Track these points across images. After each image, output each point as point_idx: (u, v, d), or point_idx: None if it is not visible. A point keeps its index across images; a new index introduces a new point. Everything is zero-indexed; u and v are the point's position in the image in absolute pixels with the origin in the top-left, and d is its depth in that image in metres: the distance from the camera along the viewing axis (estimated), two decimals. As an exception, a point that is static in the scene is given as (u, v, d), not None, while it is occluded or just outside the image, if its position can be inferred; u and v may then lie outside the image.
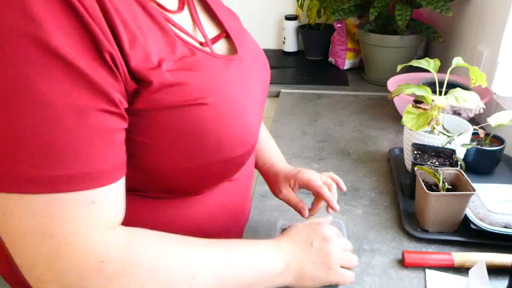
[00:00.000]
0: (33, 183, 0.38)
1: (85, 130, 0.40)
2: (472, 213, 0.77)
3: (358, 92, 1.51)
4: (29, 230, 0.40)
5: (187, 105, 0.48)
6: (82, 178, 0.40)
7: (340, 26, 1.69)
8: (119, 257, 0.43)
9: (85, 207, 0.41)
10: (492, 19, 1.19)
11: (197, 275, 0.48)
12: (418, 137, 0.92)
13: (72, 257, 0.40)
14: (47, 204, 0.39)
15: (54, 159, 0.39)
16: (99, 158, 0.41)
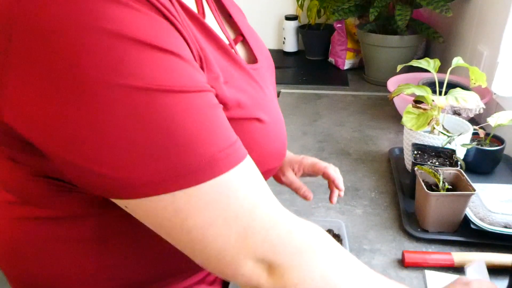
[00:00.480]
0: (193, 173, 0.37)
1: (214, 108, 0.39)
2: (472, 213, 0.77)
3: (358, 92, 1.51)
4: (210, 222, 0.39)
5: (244, 119, 0.47)
6: (234, 152, 0.39)
7: (340, 26, 1.69)
8: (305, 230, 0.43)
9: (249, 181, 0.40)
10: (492, 19, 1.19)
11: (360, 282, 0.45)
12: (418, 137, 0.92)
13: (264, 229, 0.40)
14: (216, 191, 0.38)
15: (207, 141, 0.37)
16: (230, 131, 0.41)
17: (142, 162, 0.36)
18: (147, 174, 0.36)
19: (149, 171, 0.36)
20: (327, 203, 0.89)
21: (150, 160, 0.36)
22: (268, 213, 0.41)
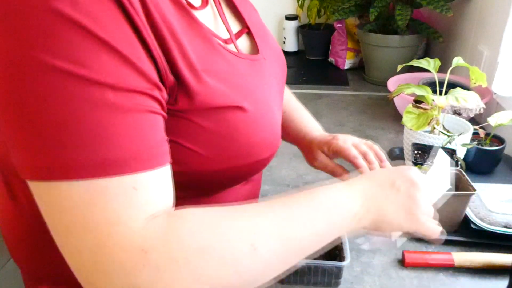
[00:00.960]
0: (75, 169, 0.36)
1: (124, 113, 0.38)
2: (473, 213, 0.77)
3: (358, 92, 1.51)
4: (72, 224, 0.37)
5: (224, 107, 0.47)
6: (122, 162, 0.37)
7: (340, 26, 1.69)
8: (162, 244, 0.38)
9: (127, 194, 0.38)
10: (492, 19, 1.19)
11: (257, 244, 0.42)
12: (418, 137, 0.92)
13: (115, 251, 0.37)
14: (87, 193, 0.37)
15: (95, 143, 0.36)
16: (139, 141, 0.39)
17: (23, 144, 0.36)
18: (28, 158, 0.37)
19: (28, 157, 0.36)
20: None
21: (27, 147, 0.36)
22: (125, 232, 0.37)
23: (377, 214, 0.51)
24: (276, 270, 0.45)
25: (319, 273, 0.66)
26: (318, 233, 0.47)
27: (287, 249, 0.45)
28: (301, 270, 0.66)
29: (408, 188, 0.53)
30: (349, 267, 0.71)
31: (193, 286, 0.39)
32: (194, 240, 0.40)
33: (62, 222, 0.38)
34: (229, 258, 0.41)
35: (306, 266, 0.66)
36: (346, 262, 0.65)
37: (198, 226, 0.41)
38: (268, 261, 0.44)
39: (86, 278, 0.38)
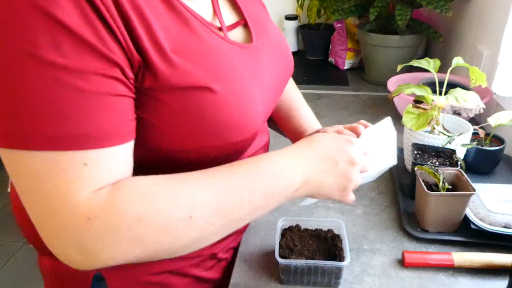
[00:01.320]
0: (32, 140, 0.40)
1: (81, 93, 0.41)
2: (472, 213, 0.77)
3: (358, 92, 1.51)
4: (30, 189, 0.42)
5: (191, 87, 0.48)
6: (77, 139, 0.41)
7: (340, 26, 1.69)
8: (103, 212, 0.43)
9: (77, 169, 0.42)
10: (492, 19, 1.19)
11: (193, 214, 0.46)
12: (418, 137, 0.92)
13: (64, 217, 0.42)
14: (43, 163, 0.41)
15: (51, 119, 0.40)
16: (98, 120, 0.42)
17: None
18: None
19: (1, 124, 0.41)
20: (327, 203, 0.89)
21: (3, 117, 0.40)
22: (72, 201, 0.42)
23: (315, 186, 0.56)
24: (212, 237, 0.49)
25: (319, 273, 0.66)
26: (257, 204, 0.51)
27: (223, 219, 0.48)
28: (301, 270, 0.66)
29: (347, 168, 0.57)
30: (349, 267, 0.71)
31: (133, 250, 0.44)
32: (132, 208, 0.44)
33: (22, 188, 0.43)
34: (165, 226, 0.45)
35: (306, 266, 0.66)
36: (346, 262, 0.65)
37: (136, 195, 0.44)
38: (204, 229, 0.47)
39: (45, 238, 0.44)
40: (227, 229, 0.51)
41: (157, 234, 0.45)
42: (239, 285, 0.68)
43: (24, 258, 2.14)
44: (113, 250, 0.44)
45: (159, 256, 0.47)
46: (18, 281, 2.01)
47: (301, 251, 0.69)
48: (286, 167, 0.53)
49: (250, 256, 0.74)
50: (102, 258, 0.44)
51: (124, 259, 0.45)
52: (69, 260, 0.44)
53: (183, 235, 0.46)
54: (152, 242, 0.45)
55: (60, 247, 0.44)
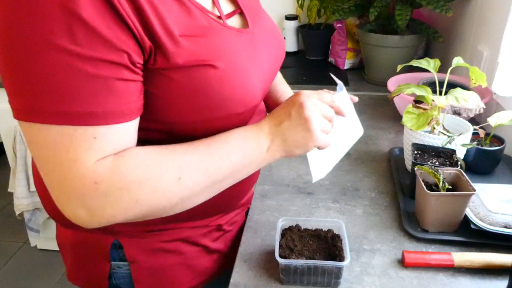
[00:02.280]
0: (48, 115, 0.47)
1: (91, 77, 0.47)
2: (472, 213, 0.77)
3: (358, 92, 1.51)
4: (46, 157, 0.49)
5: (197, 65, 0.55)
6: (88, 116, 0.48)
7: (340, 26, 1.69)
8: (109, 176, 0.50)
9: (87, 140, 0.49)
10: (492, 19, 1.19)
11: (182, 176, 0.55)
12: (418, 137, 0.92)
13: (74, 181, 0.49)
14: (58, 136, 0.48)
15: (67, 98, 0.47)
16: (106, 101, 0.49)
17: (16, 92, 0.48)
18: (18, 103, 0.48)
19: (20, 101, 0.48)
20: (327, 203, 0.89)
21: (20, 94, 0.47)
22: (81, 167, 0.49)
23: (282, 142, 0.62)
24: (200, 195, 0.58)
25: (319, 273, 0.66)
26: (235, 165, 0.59)
27: (208, 178, 0.57)
28: (301, 270, 0.66)
29: (297, 112, 0.62)
30: (349, 267, 0.71)
31: (133, 208, 0.53)
32: (133, 173, 0.52)
33: (39, 156, 0.50)
34: (160, 187, 0.53)
35: (306, 266, 0.66)
36: (346, 262, 0.65)
37: (135, 162, 0.52)
38: (192, 188, 0.56)
39: (57, 200, 0.51)
40: (213, 188, 0.59)
41: (153, 195, 0.53)
42: (239, 285, 0.68)
43: (24, 258, 2.14)
44: (115, 209, 0.51)
45: (154, 215, 0.55)
46: (18, 281, 2.01)
47: (301, 251, 0.69)
48: (253, 131, 0.62)
49: (250, 256, 0.74)
50: (105, 216, 0.52)
51: (124, 217, 0.53)
52: (77, 219, 0.52)
53: (174, 195, 0.55)
54: (149, 202, 0.53)
55: (70, 207, 0.51)
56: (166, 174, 0.54)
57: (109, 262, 0.71)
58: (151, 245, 0.71)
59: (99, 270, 0.72)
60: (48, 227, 2.02)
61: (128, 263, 0.71)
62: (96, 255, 0.72)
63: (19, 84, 0.47)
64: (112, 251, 0.71)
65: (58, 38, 0.45)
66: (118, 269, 0.72)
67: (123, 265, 0.71)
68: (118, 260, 0.71)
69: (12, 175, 1.85)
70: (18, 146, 1.76)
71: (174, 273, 0.74)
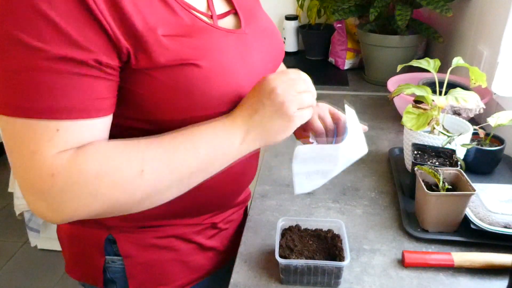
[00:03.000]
0: (16, 109, 0.48)
1: (57, 74, 0.48)
2: (472, 213, 0.77)
3: (358, 92, 1.51)
4: (12, 149, 0.50)
5: (180, 64, 0.54)
6: (50, 110, 0.49)
7: (340, 26, 1.69)
8: (66, 169, 0.49)
9: (50, 134, 0.49)
10: (492, 19, 1.19)
11: (145, 169, 0.53)
12: (418, 137, 0.92)
13: (33, 174, 0.49)
14: (23, 128, 0.49)
15: (31, 92, 0.48)
16: (66, 97, 0.49)
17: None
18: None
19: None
20: (327, 203, 0.89)
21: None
22: (40, 159, 0.49)
23: (263, 134, 0.60)
24: (167, 192, 0.56)
25: (319, 273, 0.66)
26: (204, 158, 0.57)
27: (174, 172, 0.55)
28: (301, 270, 0.66)
29: (270, 99, 0.59)
30: (349, 267, 0.71)
31: (92, 204, 0.51)
32: (91, 166, 0.50)
33: (7, 149, 0.51)
34: (120, 181, 0.52)
35: (306, 266, 0.66)
36: (346, 262, 0.65)
37: (95, 155, 0.51)
38: (157, 183, 0.54)
39: (23, 194, 0.51)
40: (181, 184, 0.57)
41: (113, 189, 0.51)
42: (239, 285, 0.68)
43: (24, 258, 2.14)
44: (74, 204, 0.50)
45: (118, 211, 0.54)
46: (18, 281, 2.01)
47: (301, 251, 0.69)
48: (224, 123, 0.59)
49: (250, 256, 0.74)
50: (66, 211, 0.51)
51: (85, 212, 0.52)
52: (40, 213, 0.51)
53: (137, 190, 0.53)
54: (109, 196, 0.51)
55: (31, 201, 0.51)
56: (127, 167, 0.52)
57: (104, 256, 0.72)
58: (144, 241, 0.71)
59: (94, 264, 0.73)
60: (48, 227, 2.02)
61: (122, 258, 0.72)
62: (91, 249, 0.72)
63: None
64: (106, 246, 0.71)
65: (23, 34, 0.46)
66: (112, 264, 0.72)
67: (117, 260, 0.72)
68: (112, 254, 0.72)
69: (12, 175, 1.85)
70: (18, 146, 1.76)
71: (168, 268, 0.74)
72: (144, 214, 0.65)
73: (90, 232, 0.71)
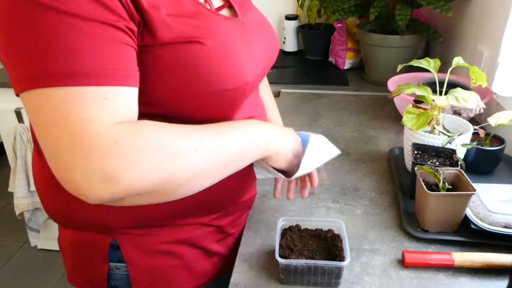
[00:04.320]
0: (55, 78, 0.46)
1: (96, 39, 0.48)
2: (472, 213, 0.77)
3: (358, 92, 1.51)
4: (53, 120, 0.47)
5: (184, 42, 0.56)
6: (97, 75, 0.48)
7: (340, 26, 1.69)
8: (130, 136, 0.50)
9: (100, 101, 0.48)
10: (492, 19, 1.19)
11: (198, 148, 0.56)
12: (418, 137, 0.92)
13: (91, 141, 0.47)
14: (67, 97, 0.47)
15: (74, 59, 0.46)
16: (113, 62, 0.49)
17: (18, 63, 0.47)
18: (21, 73, 0.47)
19: (22, 70, 0.47)
20: (327, 203, 0.89)
21: (23, 62, 0.47)
22: (102, 126, 0.48)
23: (278, 146, 0.68)
24: (209, 174, 0.58)
25: (319, 273, 0.66)
26: (242, 148, 0.62)
27: (220, 156, 0.58)
28: (301, 270, 0.66)
29: (299, 142, 0.72)
30: (349, 267, 0.71)
31: (152, 173, 0.51)
32: (153, 137, 0.52)
33: (44, 122, 0.48)
34: (178, 154, 0.53)
35: (306, 266, 0.66)
36: (346, 262, 0.65)
37: (156, 129, 0.53)
38: (206, 163, 0.57)
39: (63, 167, 0.48)
40: (221, 170, 0.60)
41: (172, 160, 0.52)
42: (239, 285, 0.68)
43: (24, 258, 2.14)
44: (134, 172, 0.50)
45: (170, 185, 0.54)
46: (18, 281, 2.01)
47: (301, 251, 0.69)
48: (260, 125, 0.67)
49: (250, 256, 0.74)
50: (122, 181, 0.49)
51: (140, 184, 0.50)
52: (87, 186, 0.48)
53: (191, 165, 0.55)
54: (167, 168, 0.52)
55: (82, 173, 0.48)
56: (185, 142, 0.54)
57: (108, 263, 0.71)
58: (149, 246, 0.70)
59: (98, 271, 0.72)
60: (48, 227, 2.02)
61: (126, 265, 0.71)
62: (95, 256, 0.71)
63: (22, 51, 0.47)
64: (111, 252, 0.70)
65: (58, 3, 0.46)
66: (116, 270, 0.72)
67: (121, 266, 0.71)
68: (116, 261, 0.71)
69: (12, 175, 1.85)
70: (18, 146, 1.76)
71: (173, 275, 0.73)
72: (150, 214, 0.65)
73: (93, 238, 0.70)
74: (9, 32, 0.47)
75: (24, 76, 0.47)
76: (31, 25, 0.46)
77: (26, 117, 1.77)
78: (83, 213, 0.66)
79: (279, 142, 0.68)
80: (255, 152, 0.64)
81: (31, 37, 0.46)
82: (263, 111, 0.81)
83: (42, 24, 0.46)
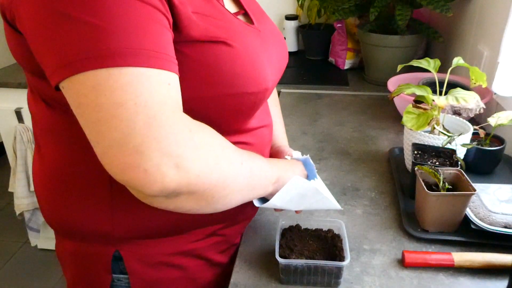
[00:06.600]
0: (122, 57, 0.44)
1: (159, 23, 0.47)
2: (472, 213, 0.77)
3: (358, 92, 1.51)
4: (121, 102, 0.44)
5: (210, 41, 0.55)
6: (161, 59, 0.47)
7: (340, 26, 1.69)
8: (199, 129, 0.50)
9: (164, 85, 0.47)
10: (492, 19, 1.19)
11: (243, 163, 0.58)
12: (418, 137, 0.92)
13: (168, 124, 0.46)
14: (134, 78, 0.45)
15: (140, 38, 0.45)
16: (167, 48, 0.48)
17: (69, 44, 0.44)
18: (75, 54, 0.44)
19: (78, 50, 0.44)
20: (327, 203, 0.88)
21: (78, 42, 0.44)
22: (174, 112, 0.48)
23: (282, 185, 0.67)
24: (246, 189, 0.60)
25: (319, 273, 0.66)
26: (261, 176, 0.63)
27: (252, 176, 0.60)
28: (301, 270, 0.66)
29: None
30: (349, 267, 0.71)
31: (214, 169, 0.52)
32: (217, 137, 0.54)
33: (114, 100, 0.44)
34: (232, 162, 0.55)
35: (306, 266, 0.66)
36: (346, 262, 0.65)
37: (213, 131, 0.54)
38: (246, 178, 0.58)
39: (138, 146, 0.45)
40: (250, 192, 0.61)
41: (228, 165, 0.54)
42: (239, 285, 0.68)
43: (24, 258, 2.14)
44: (202, 164, 0.50)
45: (222, 189, 0.55)
46: (18, 281, 2.01)
47: (301, 251, 0.69)
48: (269, 164, 0.67)
49: (250, 256, 0.74)
50: (192, 171, 0.49)
51: (205, 178, 0.51)
52: (160, 173, 0.46)
53: (239, 175, 0.57)
54: (224, 169, 0.54)
55: (158, 157, 0.46)
56: (233, 153, 0.56)
57: (110, 275, 0.69)
58: (151, 258, 0.68)
59: (100, 282, 0.70)
60: (48, 227, 2.02)
61: (128, 276, 0.69)
62: (97, 267, 0.69)
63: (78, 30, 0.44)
64: (113, 263, 0.68)
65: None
66: (118, 282, 0.70)
67: (123, 278, 0.69)
68: (118, 272, 0.69)
69: (12, 175, 1.85)
70: (18, 146, 1.76)
71: (175, 287, 0.72)
72: (156, 223, 0.65)
73: (96, 249, 0.67)
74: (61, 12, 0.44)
75: (80, 57, 0.44)
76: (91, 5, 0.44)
77: (26, 117, 1.78)
78: (87, 222, 0.64)
79: (283, 182, 0.68)
80: (263, 188, 0.65)
81: (97, 16, 0.44)
82: (271, 120, 0.81)
83: (102, 3, 0.44)
